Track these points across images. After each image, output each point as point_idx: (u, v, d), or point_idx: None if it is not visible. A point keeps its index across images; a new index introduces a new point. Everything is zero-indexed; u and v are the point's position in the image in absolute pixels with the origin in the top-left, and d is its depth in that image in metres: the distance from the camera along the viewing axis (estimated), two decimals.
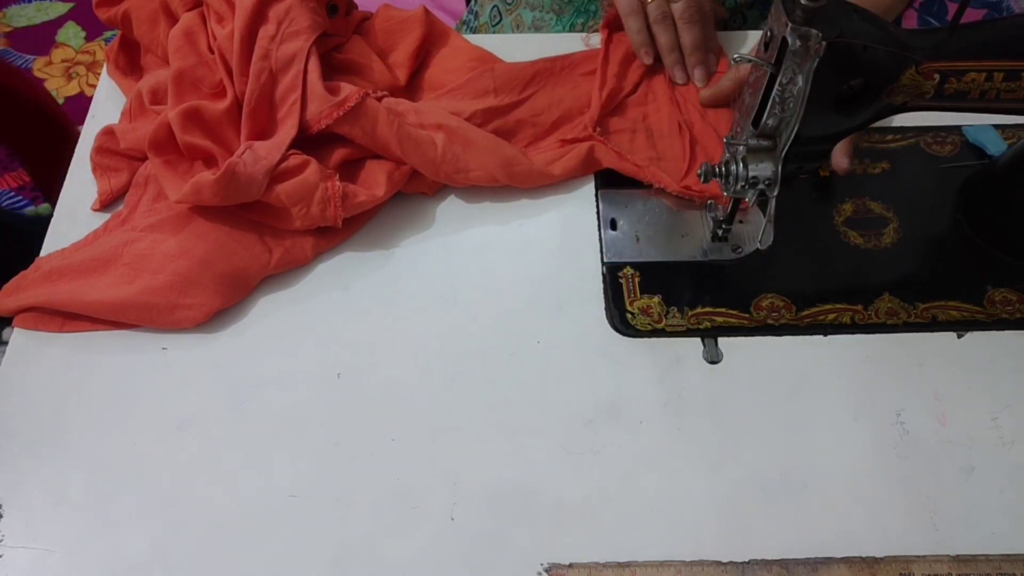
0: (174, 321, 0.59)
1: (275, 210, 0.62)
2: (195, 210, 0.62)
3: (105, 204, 0.66)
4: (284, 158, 0.62)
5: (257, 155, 0.61)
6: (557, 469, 0.55)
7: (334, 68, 0.69)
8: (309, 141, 0.64)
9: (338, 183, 0.62)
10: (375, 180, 0.64)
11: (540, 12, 0.86)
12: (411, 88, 0.71)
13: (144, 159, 0.66)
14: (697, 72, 0.72)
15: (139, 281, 0.59)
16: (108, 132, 0.67)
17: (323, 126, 0.63)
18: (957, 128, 0.72)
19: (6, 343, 0.60)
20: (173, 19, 0.69)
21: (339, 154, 0.65)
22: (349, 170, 0.65)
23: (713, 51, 0.74)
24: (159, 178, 0.63)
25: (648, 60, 0.73)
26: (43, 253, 0.63)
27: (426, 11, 0.72)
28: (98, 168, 0.67)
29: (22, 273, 0.61)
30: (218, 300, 0.60)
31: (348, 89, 0.64)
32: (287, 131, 0.63)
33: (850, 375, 0.59)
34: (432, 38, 0.73)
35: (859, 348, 0.60)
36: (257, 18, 0.65)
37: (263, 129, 0.64)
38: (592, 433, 0.56)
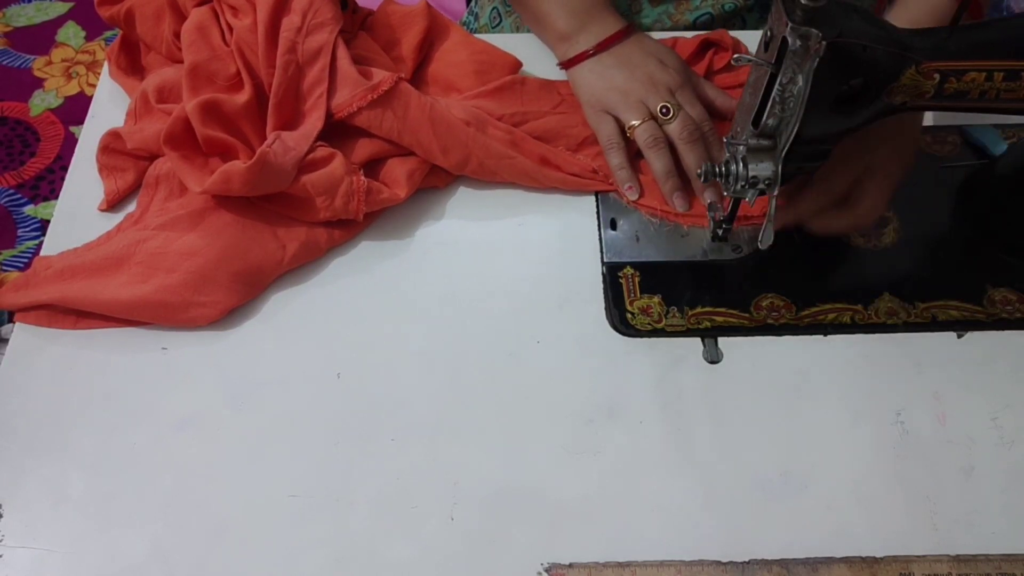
0: (189, 319, 0.59)
1: (297, 201, 0.62)
2: (207, 208, 0.62)
3: (112, 204, 0.66)
4: (311, 149, 0.63)
5: (286, 145, 0.62)
6: (557, 469, 0.55)
7: None
8: (332, 137, 0.65)
9: (363, 178, 0.63)
10: (395, 179, 0.65)
11: None
12: (415, 82, 0.71)
13: (151, 159, 0.67)
14: (706, 195, 0.65)
15: (154, 280, 0.59)
16: (114, 134, 0.67)
17: (355, 108, 0.64)
18: (957, 128, 0.72)
19: (6, 340, 0.60)
20: (177, 15, 0.69)
21: (361, 152, 0.65)
22: (370, 169, 0.66)
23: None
24: (177, 172, 0.63)
25: (633, 196, 0.66)
26: (43, 253, 0.63)
27: (428, 5, 0.73)
28: (104, 168, 0.67)
29: (31, 269, 0.61)
30: (233, 297, 0.60)
31: (381, 74, 0.64)
32: (313, 123, 0.64)
33: (850, 375, 0.59)
34: (435, 31, 0.73)
35: (859, 348, 0.60)
36: (280, 10, 0.65)
37: (288, 121, 0.64)
38: (592, 433, 0.56)
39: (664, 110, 0.66)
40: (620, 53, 0.70)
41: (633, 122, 0.66)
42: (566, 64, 0.72)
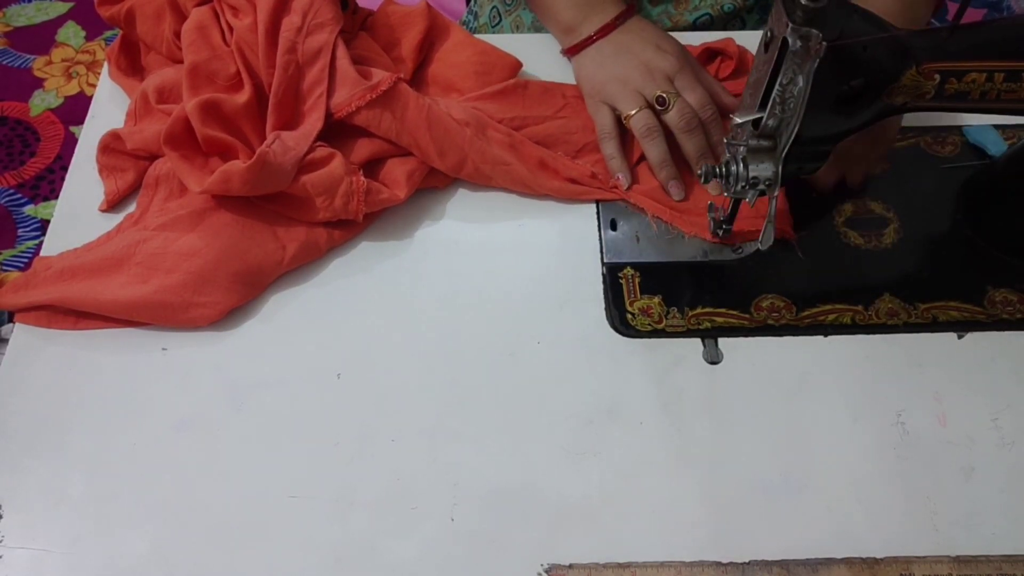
0: (189, 320, 0.59)
1: (297, 201, 0.62)
2: (207, 208, 0.62)
3: (112, 204, 0.66)
4: (311, 149, 0.63)
5: (286, 145, 0.62)
6: (557, 469, 0.55)
7: None
8: (332, 137, 0.65)
9: (363, 178, 0.63)
10: (395, 180, 0.65)
11: None
12: (416, 83, 0.71)
13: (151, 159, 0.67)
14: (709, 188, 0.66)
15: (153, 280, 0.59)
16: (114, 135, 0.67)
17: (353, 108, 0.64)
18: (957, 128, 0.72)
19: (6, 340, 0.60)
20: (178, 15, 0.69)
21: (361, 152, 0.65)
22: (369, 169, 0.66)
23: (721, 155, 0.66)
24: (177, 172, 0.63)
25: (624, 185, 0.66)
26: (43, 253, 0.63)
27: (428, 5, 0.73)
28: (104, 169, 0.67)
29: (31, 270, 0.61)
30: (232, 298, 0.60)
31: (381, 74, 0.64)
32: (313, 123, 0.64)
33: (850, 375, 0.59)
34: (435, 32, 0.73)
35: (859, 348, 0.60)
36: (280, 9, 0.65)
37: (288, 121, 0.64)
38: (592, 433, 0.56)
39: (660, 100, 0.65)
40: (618, 40, 0.70)
41: (629, 112, 0.66)
42: (569, 52, 0.72)
